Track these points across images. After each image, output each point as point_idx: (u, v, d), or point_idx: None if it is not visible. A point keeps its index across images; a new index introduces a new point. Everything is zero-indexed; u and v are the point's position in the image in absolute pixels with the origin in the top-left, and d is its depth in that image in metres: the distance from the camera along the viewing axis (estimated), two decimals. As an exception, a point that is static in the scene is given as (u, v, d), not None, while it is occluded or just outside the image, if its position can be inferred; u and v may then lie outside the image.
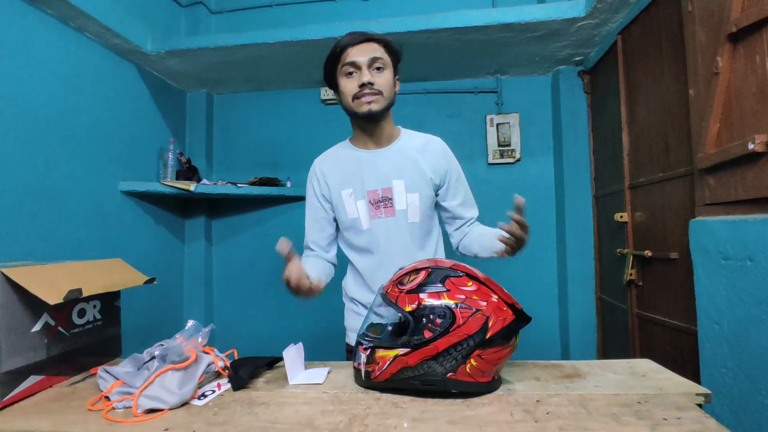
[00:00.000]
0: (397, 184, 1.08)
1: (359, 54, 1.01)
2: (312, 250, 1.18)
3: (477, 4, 2.20)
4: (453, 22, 1.78)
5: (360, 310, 1.15)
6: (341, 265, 1.23)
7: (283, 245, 0.88)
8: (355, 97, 1.03)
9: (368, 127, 1.10)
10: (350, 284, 1.19)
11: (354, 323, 1.15)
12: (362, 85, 1.01)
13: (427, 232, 1.14)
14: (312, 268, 1.07)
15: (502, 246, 0.96)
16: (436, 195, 1.14)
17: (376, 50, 1.03)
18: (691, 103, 1.22)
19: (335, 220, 1.16)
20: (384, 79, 1.03)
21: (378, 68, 1.03)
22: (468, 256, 1.15)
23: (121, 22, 1.75)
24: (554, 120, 2.31)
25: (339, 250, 1.21)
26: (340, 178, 1.12)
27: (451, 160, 1.15)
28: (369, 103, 1.02)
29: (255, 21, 2.41)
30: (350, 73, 1.03)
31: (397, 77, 1.09)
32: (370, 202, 1.09)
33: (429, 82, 2.41)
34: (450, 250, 1.21)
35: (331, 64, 1.06)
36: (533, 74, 2.34)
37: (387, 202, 1.09)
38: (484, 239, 1.09)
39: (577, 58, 2.14)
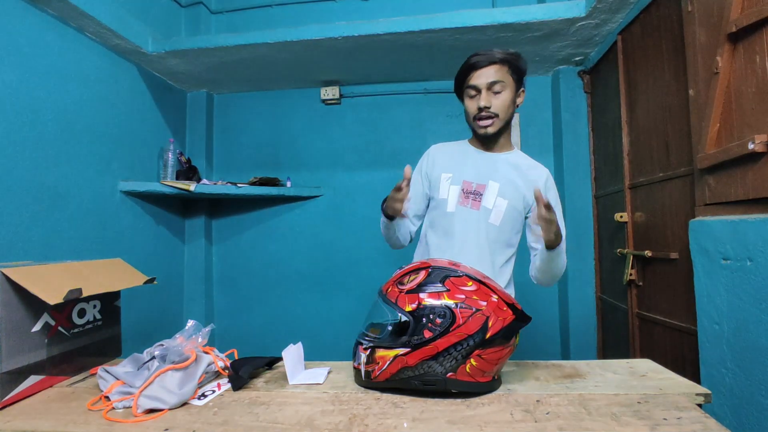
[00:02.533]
0: (492, 184, 1.18)
1: (480, 78, 1.12)
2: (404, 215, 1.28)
3: (477, 4, 2.20)
4: (453, 22, 1.78)
5: None
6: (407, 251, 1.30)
7: (407, 171, 1.03)
8: (475, 118, 1.15)
9: (483, 140, 1.22)
10: None
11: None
12: (480, 109, 1.13)
13: (504, 243, 1.20)
14: (401, 221, 1.20)
15: (539, 238, 1.08)
16: (526, 216, 1.21)
17: (496, 73, 1.12)
18: (691, 103, 1.22)
19: (429, 200, 1.27)
20: (501, 101, 1.13)
21: (496, 92, 1.12)
22: (540, 284, 1.23)
23: (122, 22, 1.75)
24: (554, 120, 2.31)
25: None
26: (447, 163, 1.24)
27: (550, 190, 1.22)
28: (485, 127, 1.15)
29: (255, 21, 2.41)
30: (472, 96, 1.15)
31: (522, 89, 1.19)
32: (463, 190, 1.19)
33: (429, 82, 2.41)
34: (524, 277, 1.26)
35: (459, 81, 1.18)
36: (533, 74, 2.34)
37: (477, 196, 1.18)
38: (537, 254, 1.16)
39: (577, 58, 2.14)
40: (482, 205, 1.17)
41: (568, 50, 2.03)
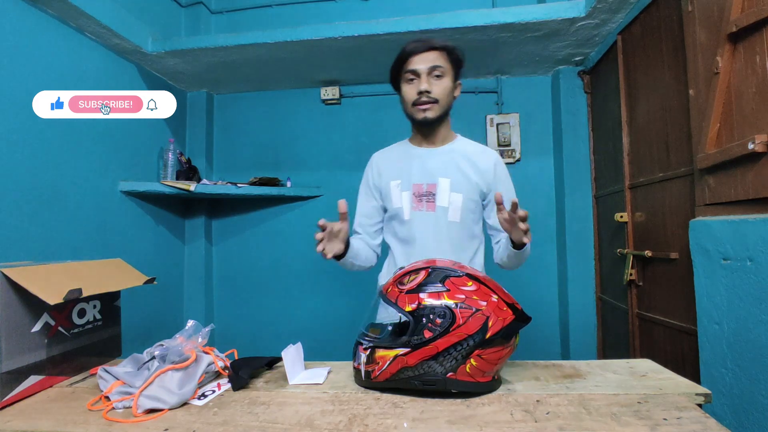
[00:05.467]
0: (443, 181, 1.14)
1: (420, 62, 1.08)
2: (358, 233, 1.25)
3: (477, 4, 2.19)
4: (453, 22, 1.78)
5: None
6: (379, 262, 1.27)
7: (342, 206, 1.00)
8: (414, 103, 1.11)
9: (424, 130, 1.18)
10: (384, 275, 1.23)
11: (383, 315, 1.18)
12: (420, 93, 1.08)
13: (467, 236, 1.17)
14: (357, 245, 1.15)
15: (506, 233, 1.04)
16: (483, 204, 1.19)
17: (437, 58, 1.09)
18: (691, 103, 1.22)
19: (384, 210, 1.23)
20: (441, 87, 1.10)
21: (437, 76, 1.09)
22: (504, 269, 1.20)
23: (122, 22, 1.75)
24: (554, 120, 2.31)
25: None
26: (392, 169, 1.20)
27: (500, 174, 1.19)
28: (425, 110, 1.11)
29: (255, 21, 2.41)
30: (411, 80, 1.11)
31: (459, 82, 1.16)
32: (414, 194, 1.16)
33: (429, 82, 2.41)
34: (491, 264, 1.24)
35: (396, 69, 1.14)
36: (533, 74, 2.34)
37: (430, 197, 1.15)
38: (504, 243, 1.12)
39: (577, 58, 2.14)
40: (437, 205, 1.14)
41: (568, 50, 2.03)
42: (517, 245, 1.02)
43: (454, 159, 1.17)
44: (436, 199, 1.14)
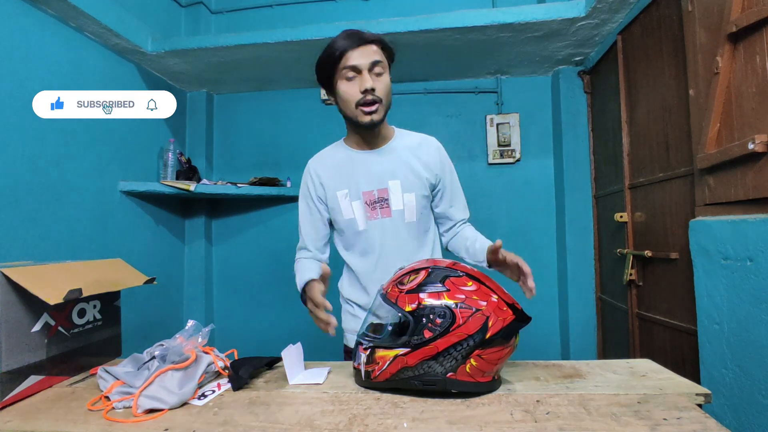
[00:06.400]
0: (393, 184, 1.08)
1: (360, 57, 0.98)
2: (309, 251, 1.16)
3: (477, 4, 2.19)
4: (453, 22, 1.78)
5: (356, 311, 1.15)
6: (335, 266, 1.22)
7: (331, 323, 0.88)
8: (358, 104, 1.00)
9: (365, 132, 1.09)
10: (346, 286, 1.18)
11: (351, 325, 1.15)
12: (365, 91, 0.98)
13: (424, 231, 1.14)
14: (311, 271, 1.05)
15: (485, 260, 1.03)
16: (432, 195, 1.14)
17: (375, 53, 1.00)
18: (691, 103, 1.22)
19: (330, 222, 1.15)
20: (383, 84, 1.01)
21: (378, 73, 1.00)
22: (456, 255, 1.15)
23: (121, 22, 1.75)
24: (554, 120, 2.31)
25: (332, 250, 1.20)
26: (335, 179, 1.11)
27: (444, 161, 1.14)
28: (371, 113, 1.01)
29: (255, 21, 2.41)
30: (351, 78, 1.00)
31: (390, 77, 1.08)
32: (366, 203, 1.08)
33: (429, 82, 2.41)
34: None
35: (329, 66, 1.01)
36: (533, 74, 2.34)
37: (383, 203, 1.08)
38: (473, 248, 1.09)
39: (577, 58, 2.14)
40: (392, 209, 1.08)
41: (568, 50, 2.03)
42: (490, 265, 1.02)
43: (399, 158, 1.09)
44: (390, 204, 1.08)
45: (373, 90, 0.99)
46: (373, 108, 1.00)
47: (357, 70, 0.99)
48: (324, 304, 0.88)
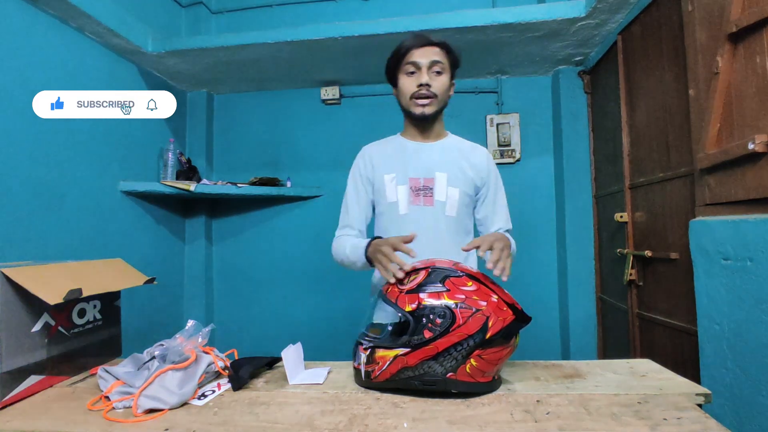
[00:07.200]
0: (440, 176, 1.13)
1: (421, 56, 1.08)
2: (353, 229, 1.18)
3: (477, 4, 2.19)
4: (453, 22, 1.78)
5: (387, 306, 1.14)
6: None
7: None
8: (413, 96, 1.10)
9: (419, 125, 1.16)
10: (379, 278, 1.17)
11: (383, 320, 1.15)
12: (420, 86, 1.07)
13: (464, 231, 1.17)
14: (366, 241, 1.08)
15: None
16: (476, 199, 1.18)
17: (437, 54, 1.09)
18: (691, 103, 1.22)
19: (373, 205, 1.20)
20: (440, 83, 1.09)
21: (437, 72, 1.09)
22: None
23: (121, 22, 1.75)
24: (554, 120, 2.31)
25: None
26: (386, 162, 1.17)
27: (492, 169, 1.19)
28: (423, 106, 1.10)
29: (255, 21, 2.41)
30: (411, 73, 1.10)
31: (453, 82, 1.16)
32: (411, 188, 1.13)
33: (429, 82, 2.41)
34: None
35: (394, 62, 1.12)
36: (533, 74, 2.34)
37: (427, 192, 1.13)
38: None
39: (577, 58, 2.14)
40: (435, 199, 1.12)
41: (568, 50, 2.03)
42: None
43: (449, 153, 1.16)
44: (433, 193, 1.12)
45: (428, 86, 1.07)
46: (426, 102, 1.09)
47: (417, 66, 1.09)
48: (408, 251, 0.88)
